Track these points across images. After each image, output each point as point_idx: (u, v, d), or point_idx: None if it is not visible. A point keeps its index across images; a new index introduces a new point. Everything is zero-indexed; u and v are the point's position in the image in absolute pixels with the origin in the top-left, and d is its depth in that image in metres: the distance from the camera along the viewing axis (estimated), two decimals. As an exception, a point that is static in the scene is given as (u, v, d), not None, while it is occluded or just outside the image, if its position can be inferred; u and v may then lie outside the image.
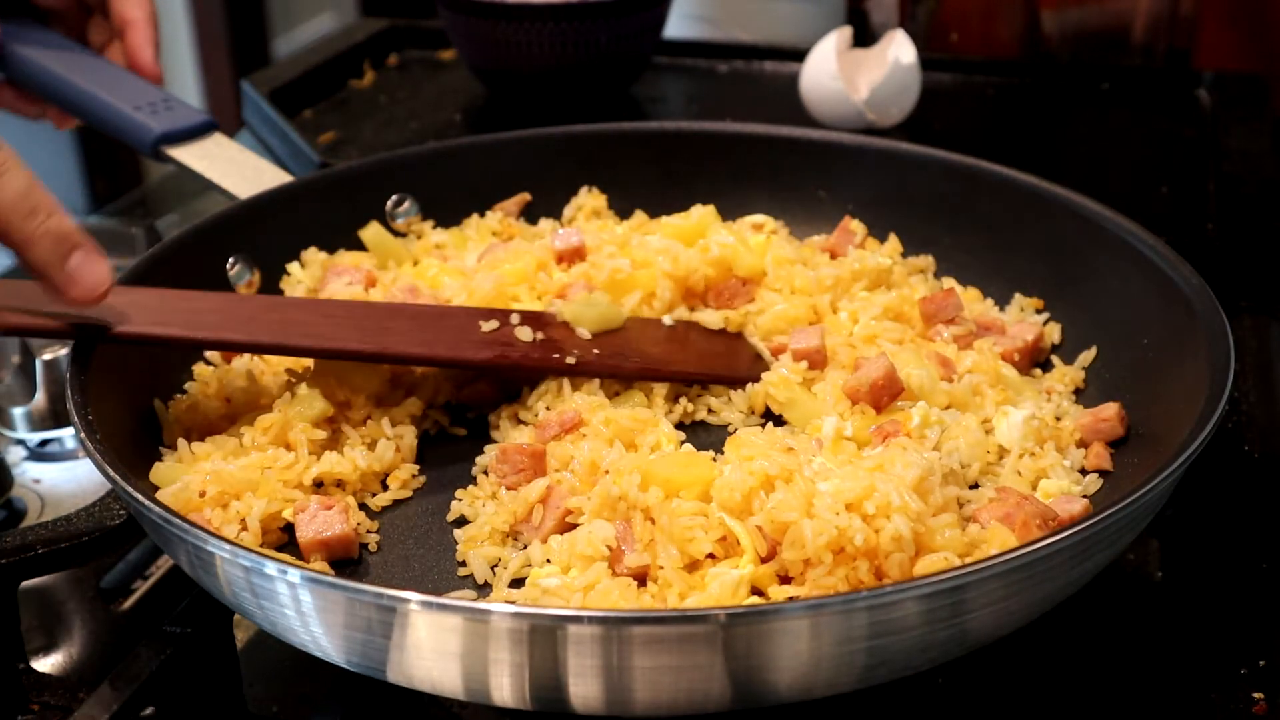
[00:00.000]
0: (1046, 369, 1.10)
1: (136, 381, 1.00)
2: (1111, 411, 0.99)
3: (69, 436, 1.17)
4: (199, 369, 1.07)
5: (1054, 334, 1.12)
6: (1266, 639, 0.91)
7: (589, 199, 1.30)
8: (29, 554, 0.92)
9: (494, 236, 1.26)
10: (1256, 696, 0.86)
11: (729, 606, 0.74)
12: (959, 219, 1.21)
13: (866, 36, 1.79)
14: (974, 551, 0.85)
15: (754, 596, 0.84)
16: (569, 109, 1.54)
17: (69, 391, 0.90)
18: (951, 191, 1.22)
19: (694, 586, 0.84)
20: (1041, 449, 0.98)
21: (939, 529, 0.84)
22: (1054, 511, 0.89)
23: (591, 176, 1.31)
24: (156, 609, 0.98)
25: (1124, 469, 0.97)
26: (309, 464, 0.97)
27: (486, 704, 0.76)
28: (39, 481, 1.13)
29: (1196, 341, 0.94)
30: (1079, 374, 1.08)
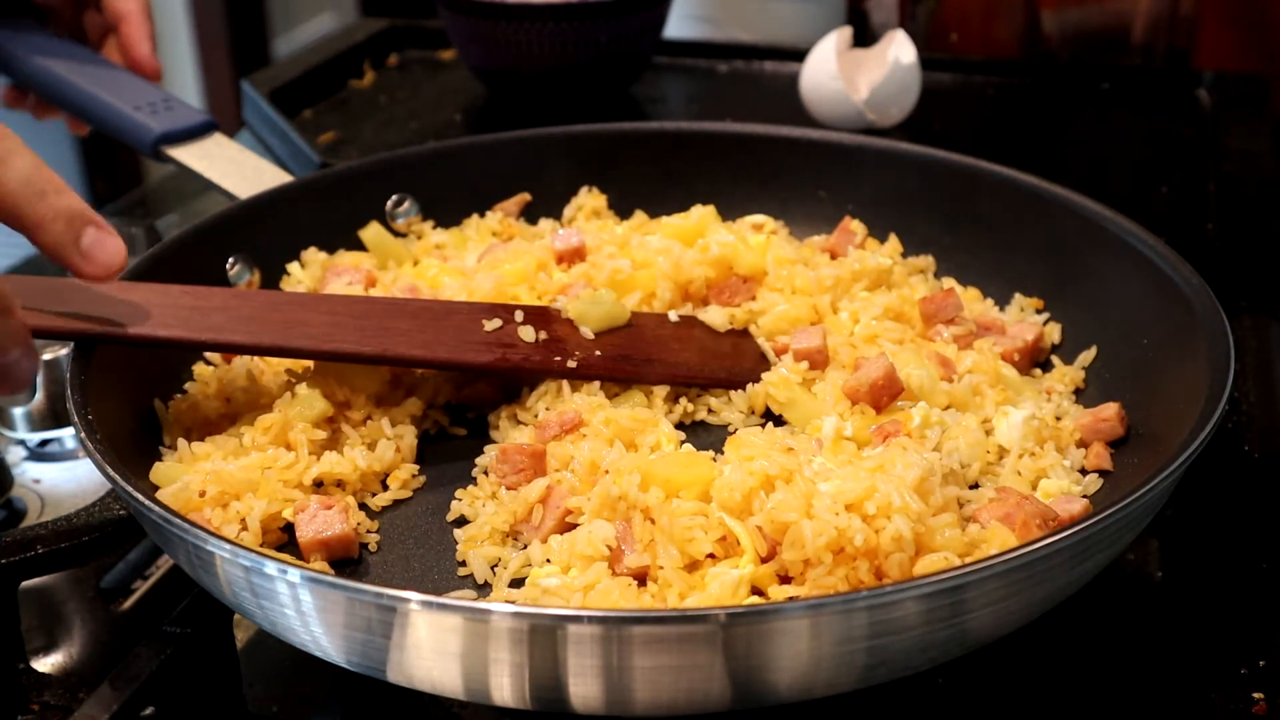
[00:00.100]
0: (1046, 369, 1.10)
1: (136, 381, 1.00)
2: (1111, 411, 0.99)
3: (69, 436, 1.17)
4: (199, 369, 1.07)
5: (1054, 334, 1.12)
6: (1266, 639, 0.91)
7: (589, 199, 1.30)
8: (29, 554, 0.92)
9: (494, 236, 1.26)
10: (1256, 696, 0.86)
11: (729, 606, 0.74)
12: (959, 219, 1.21)
13: (866, 36, 1.79)
14: (974, 551, 0.85)
15: (754, 596, 0.84)
16: (569, 109, 1.54)
17: (69, 391, 0.90)
18: (951, 191, 1.22)
19: (694, 586, 0.84)
20: (1041, 449, 0.98)
21: (939, 529, 0.84)
22: (1054, 511, 0.89)
23: (591, 176, 1.31)
24: (156, 609, 0.98)
25: (1124, 469, 0.97)
26: (309, 464, 0.97)
27: (486, 704, 0.76)
28: (39, 481, 1.13)
29: (1196, 341, 0.94)
30: (1079, 374, 1.08)
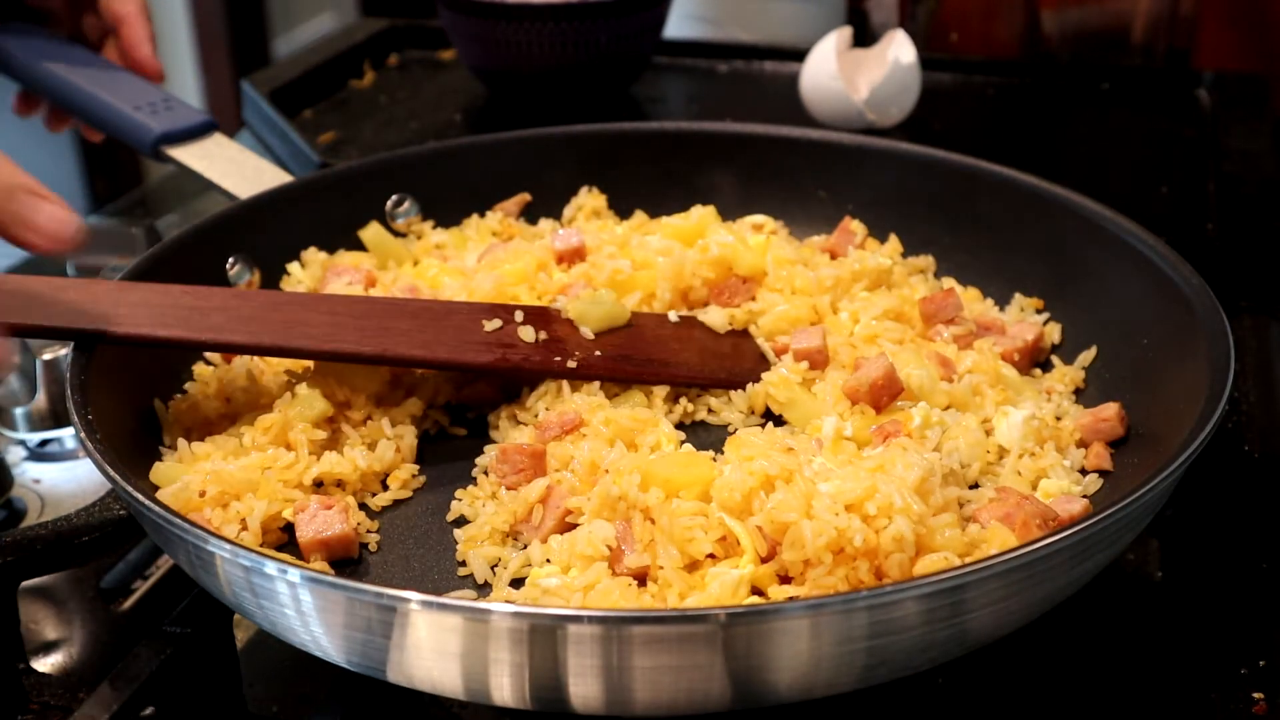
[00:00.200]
0: (1046, 369, 1.10)
1: (136, 381, 1.00)
2: (1111, 411, 0.99)
3: (69, 436, 1.17)
4: (199, 369, 1.07)
5: (1054, 334, 1.12)
6: (1266, 639, 0.91)
7: (589, 199, 1.30)
8: (29, 554, 0.92)
9: (494, 236, 1.26)
10: (1256, 696, 0.86)
11: (729, 606, 0.74)
12: (959, 219, 1.21)
13: (866, 36, 1.79)
14: (974, 551, 0.85)
15: (754, 596, 0.84)
16: (569, 109, 1.54)
17: (69, 391, 0.90)
18: (951, 191, 1.22)
19: (694, 586, 0.84)
20: (1041, 449, 0.98)
21: (939, 529, 0.84)
22: (1054, 511, 0.89)
23: (591, 176, 1.31)
24: (156, 609, 0.98)
25: (1124, 469, 0.97)
26: (309, 464, 0.97)
27: (486, 704, 0.76)
28: (39, 481, 1.13)
29: (1196, 341, 0.94)
30: (1079, 374, 1.08)
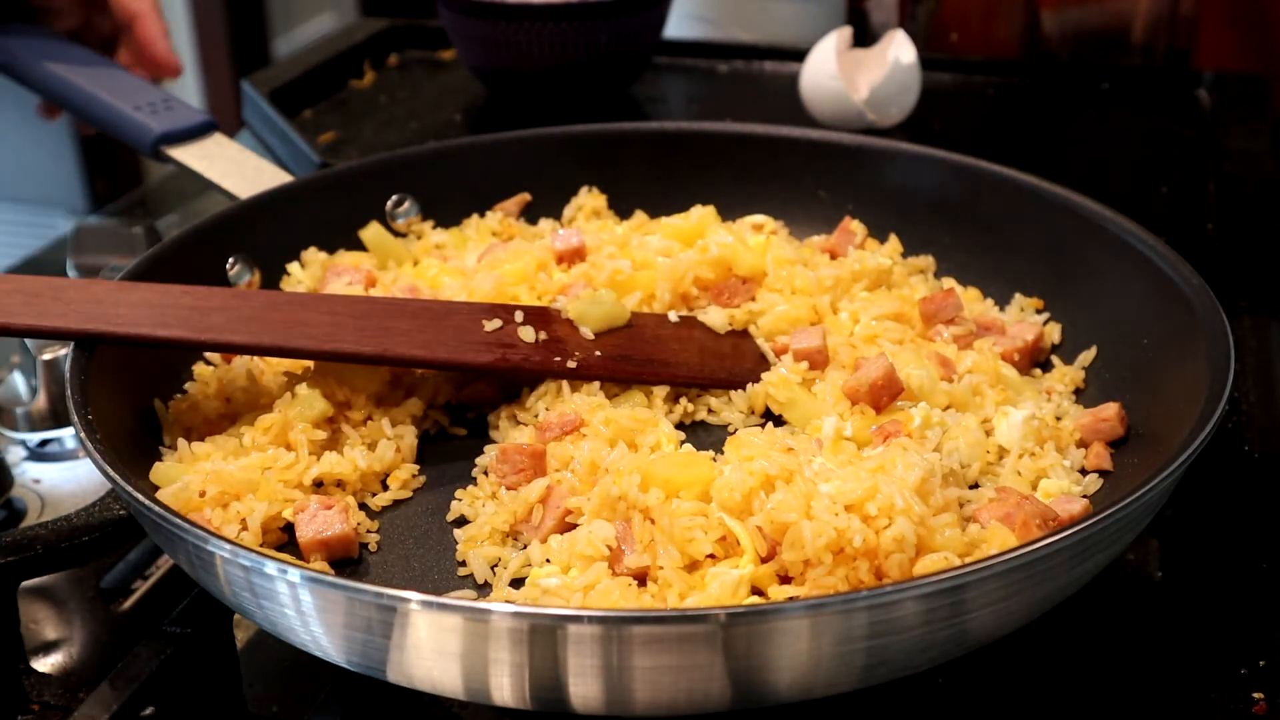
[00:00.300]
0: (1046, 369, 1.10)
1: (136, 381, 1.00)
2: (1111, 411, 0.99)
3: (69, 436, 1.17)
4: (199, 369, 1.07)
5: (1054, 334, 1.12)
6: (1266, 639, 0.91)
7: (589, 199, 1.30)
8: (29, 554, 0.92)
9: (494, 236, 1.26)
10: (1256, 696, 0.86)
11: (729, 606, 0.74)
12: (959, 219, 1.21)
13: (866, 36, 1.79)
14: (974, 551, 0.85)
15: (754, 596, 0.84)
16: (569, 109, 1.54)
17: (69, 391, 0.90)
18: (951, 191, 1.22)
19: (694, 586, 0.84)
20: (1041, 449, 0.98)
21: (939, 529, 0.84)
22: (1054, 511, 0.89)
23: (591, 176, 1.31)
24: (156, 609, 0.98)
25: (1124, 469, 0.97)
26: (309, 464, 0.96)
27: (486, 704, 0.76)
28: (39, 481, 1.13)
29: (1196, 341, 0.94)
30: (1079, 374, 1.08)
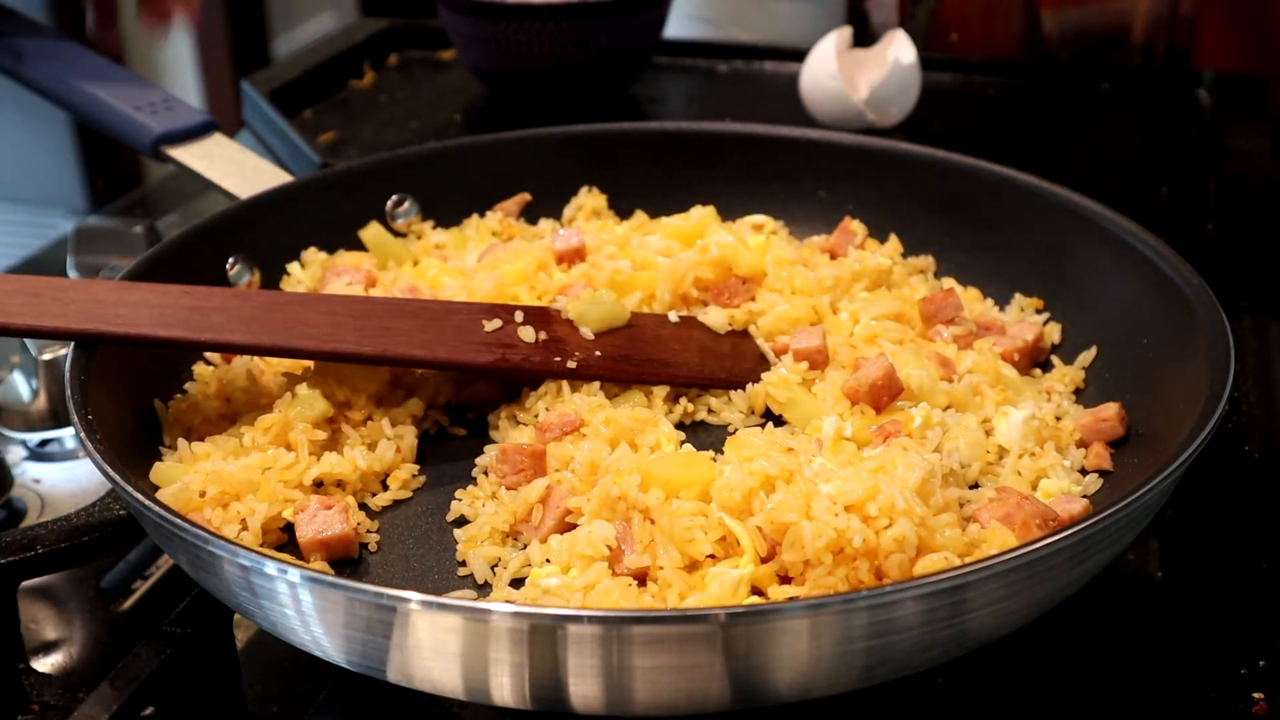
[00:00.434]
0: (1046, 369, 1.10)
1: (136, 381, 1.00)
2: (1111, 411, 0.99)
3: (69, 436, 1.17)
4: (199, 369, 1.07)
5: (1054, 334, 1.12)
6: (1266, 639, 0.91)
7: (589, 199, 1.30)
8: (29, 554, 0.92)
9: (494, 236, 1.26)
10: (1256, 696, 0.86)
11: (729, 606, 0.74)
12: (959, 219, 1.21)
13: (866, 36, 1.79)
14: (974, 551, 0.85)
15: (754, 596, 0.84)
16: (569, 109, 1.54)
17: (69, 391, 0.90)
18: (951, 191, 1.22)
19: (694, 586, 0.84)
20: (1041, 449, 0.98)
21: (939, 529, 0.84)
22: (1054, 511, 0.89)
23: (591, 176, 1.31)
24: (156, 609, 0.98)
25: (1124, 469, 0.97)
26: (309, 464, 0.96)
27: (486, 704, 0.76)
28: (39, 481, 1.13)
29: (1196, 341, 0.94)
30: (1079, 374, 1.08)
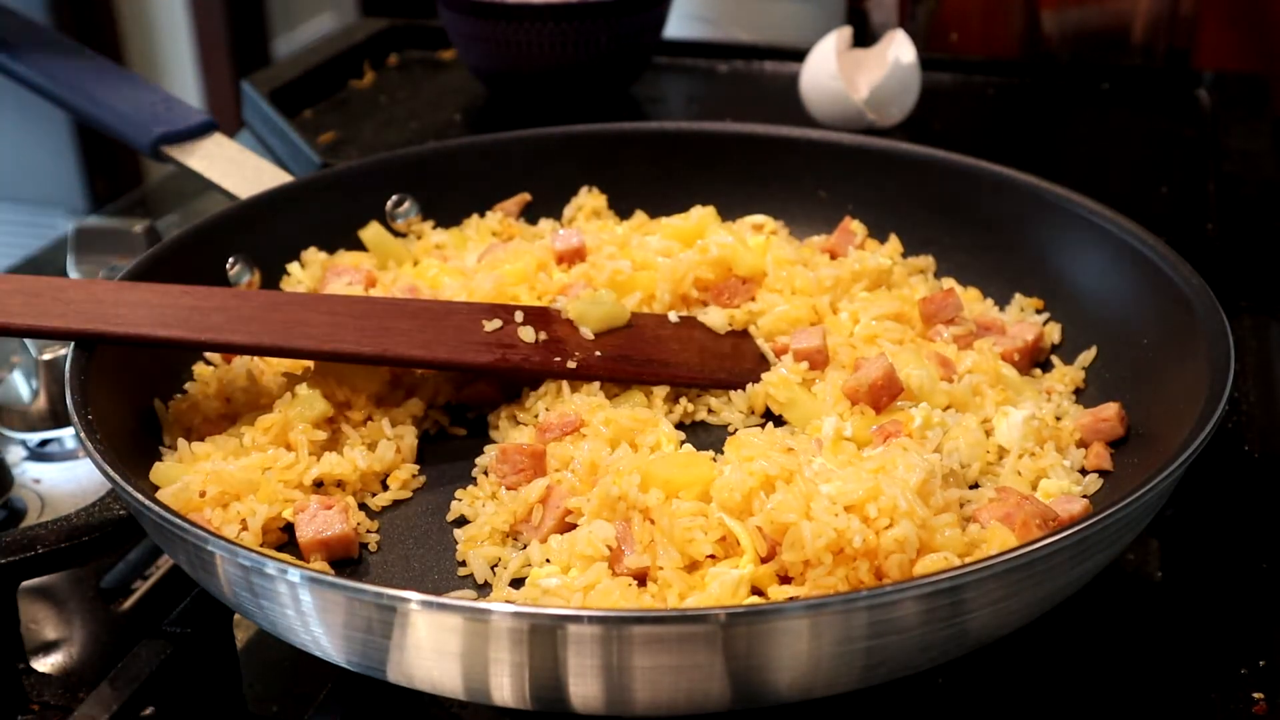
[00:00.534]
0: (1046, 369, 1.10)
1: (136, 381, 1.00)
2: (1111, 411, 0.99)
3: (69, 436, 1.17)
4: (199, 369, 1.07)
5: (1054, 334, 1.12)
6: (1266, 639, 0.91)
7: (589, 199, 1.30)
8: (29, 554, 0.92)
9: (494, 236, 1.26)
10: (1256, 696, 0.86)
11: (729, 606, 0.74)
12: (959, 219, 1.21)
13: (866, 36, 1.79)
14: (974, 551, 0.85)
15: (754, 596, 0.84)
16: (569, 109, 1.54)
17: (69, 391, 0.90)
18: (951, 191, 1.22)
19: (694, 586, 0.84)
20: (1041, 449, 0.98)
21: (939, 529, 0.84)
22: (1054, 511, 0.89)
23: (591, 176, 1.31)
24: (156, 609, 0.98)
25: (1124, 469, 0.97)
26: (309, 464, 0.96)
27: (486, 704, 0.76)
28: (39, 481, 1.13)
29: (1196, 341, 0.94)
30: (1079, 374, 1.08)
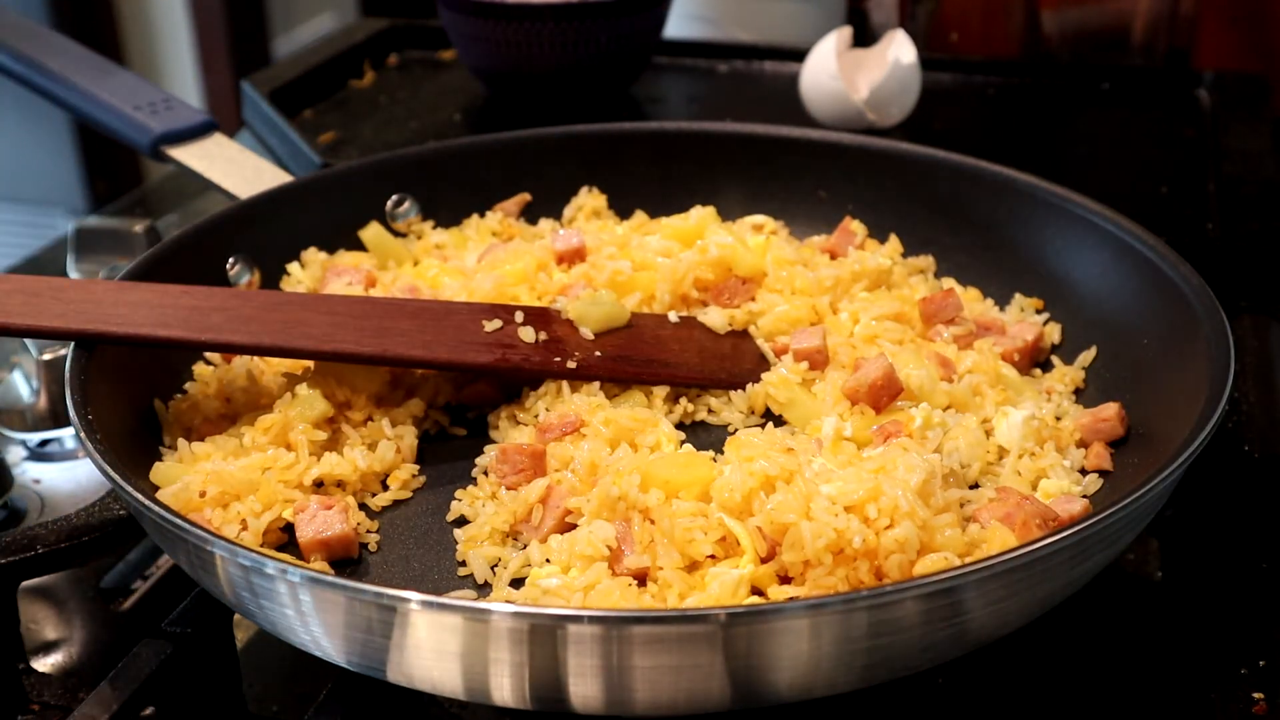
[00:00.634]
0: (1046, 369, 1.10)
1: (136, 381, 1.00)
2: (1111, 411, 0.99)
3: (69, 436, 1.17)
4: (199, 369, 1.07)
5: (1054, 334, 1.12)
6: (1266, 639, 0.91)
7: (589, 199, 1.30)
8: (29, 554, 0.92)
9: (494, 236, 1.26)
10: (1256, 696, 0.86)
11: (729, 606, 0.74)
12: (959, 219, 1.21)
13: (866, 36, 1.79)
14: (974, 551, 0.85)
15: (754, 596, 0.84)
16: (569, 109, 1.54)
17: (69, 391, 0.90)
18: (951, 191, 1.22)
19: (694, 586, 0.84)
20: (1041, 449, 0.98)
21: (939, 529, 0.84)
22: (1054, 511, 0.89)
23: (591, 176, 1.31)
24: (156, 609, 0.98)
25: (1124, 469, 0.97)
26: (309, 464, 0.96)
27: (486, 704, 0.76)
28: (39, 481, 1.13)
29: (1196, 341, 0.94)
30: (1079, 374, 1.08)
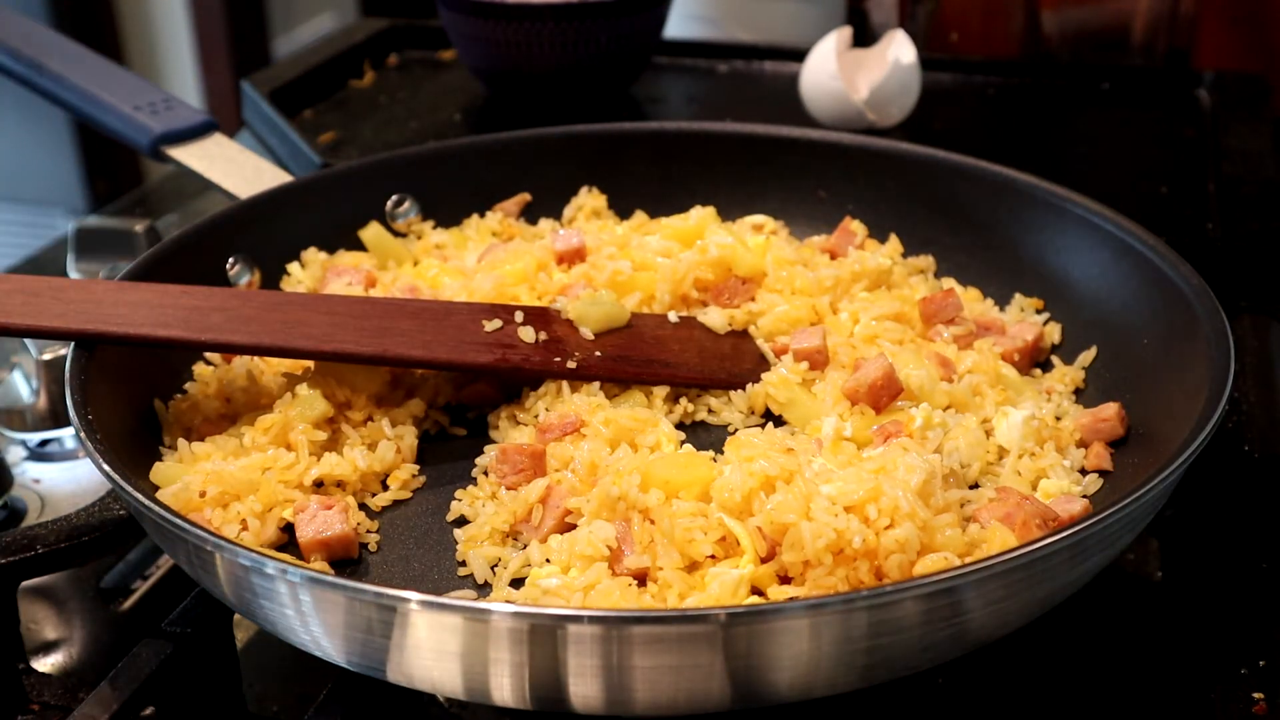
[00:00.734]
0: (1046, 369, 1.10)
1: (136, 381, 1.00)
2: (1111, 411, 0.99)
3: (69, 436, 1.17)
4: (199, 369, 1.07)
5: (1054, 334, 1.12)
6: (1266, 639, 0.91)
7: (589, 199, 1.30)
8: (29, 554, 0.92)
9: (494, 236, 1.26)
10: (1256, 696, 0.86)
11: (729, 606, 0.74)
12: (959, 219, 1.21)
13: (866, 36, 1.79)
14: (974, 551, 0.85)
15: (754, 596, 0.84)
16: (569, 109, 1.54)
17: (69, 391, 0.90)
18: (951, 191, 1.22)
19: (694, 587, 0.84)
20: (1041, 449, 0.98)
21: (939, 529, 0.84)
22: (1054, 511, 0.89)
23: (591, 176, 1.31)
24: (156, 609, 0.98)
25: (1124, 469, 0.97)
26: (309, 464, 0.96)
27: (486, 704, 0.76)
28: (39, 481, 1.13)
29: (1196, 341, 0.94)
30: (1079, 374, 1.08)
